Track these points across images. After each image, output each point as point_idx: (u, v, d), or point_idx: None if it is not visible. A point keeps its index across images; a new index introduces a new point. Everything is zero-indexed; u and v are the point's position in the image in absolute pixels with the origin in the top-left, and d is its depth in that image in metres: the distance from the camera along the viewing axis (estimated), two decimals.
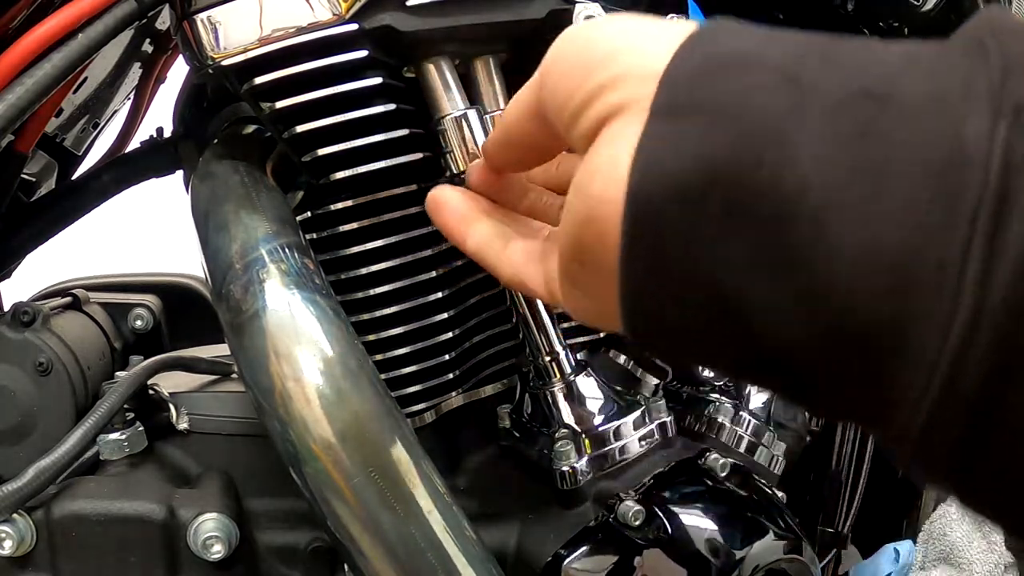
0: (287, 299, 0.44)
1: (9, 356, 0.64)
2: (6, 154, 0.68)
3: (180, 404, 0.64)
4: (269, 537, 0.62)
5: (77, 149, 0.88)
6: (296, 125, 0.54)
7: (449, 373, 0.62)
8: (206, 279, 0.49)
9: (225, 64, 0.52)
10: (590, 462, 0.59)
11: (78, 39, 0.54)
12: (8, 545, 0.56)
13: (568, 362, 0.61)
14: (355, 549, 0.43)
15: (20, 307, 0.66)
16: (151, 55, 0.84)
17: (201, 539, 0.57)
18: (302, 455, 0.42)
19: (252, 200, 0.50)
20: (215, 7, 0.52)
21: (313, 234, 0.58)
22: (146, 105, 0.90)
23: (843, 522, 0.82)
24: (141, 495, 0.58)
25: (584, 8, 0.54)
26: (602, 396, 0.61)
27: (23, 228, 0.75)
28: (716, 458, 0.63)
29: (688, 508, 0.60)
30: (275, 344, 0.43)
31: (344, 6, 0.51)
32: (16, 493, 0.55)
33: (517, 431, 0.64)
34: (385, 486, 0.42)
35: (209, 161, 0.55)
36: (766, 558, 0.61)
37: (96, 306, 0.77)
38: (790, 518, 0.64)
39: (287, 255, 0.46)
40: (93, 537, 0.57)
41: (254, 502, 0.62)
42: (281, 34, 0.51)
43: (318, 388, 0.42)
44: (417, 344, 0.60)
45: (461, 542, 0.44)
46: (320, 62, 0.52)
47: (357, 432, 0.42)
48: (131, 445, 0.63)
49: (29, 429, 0.64)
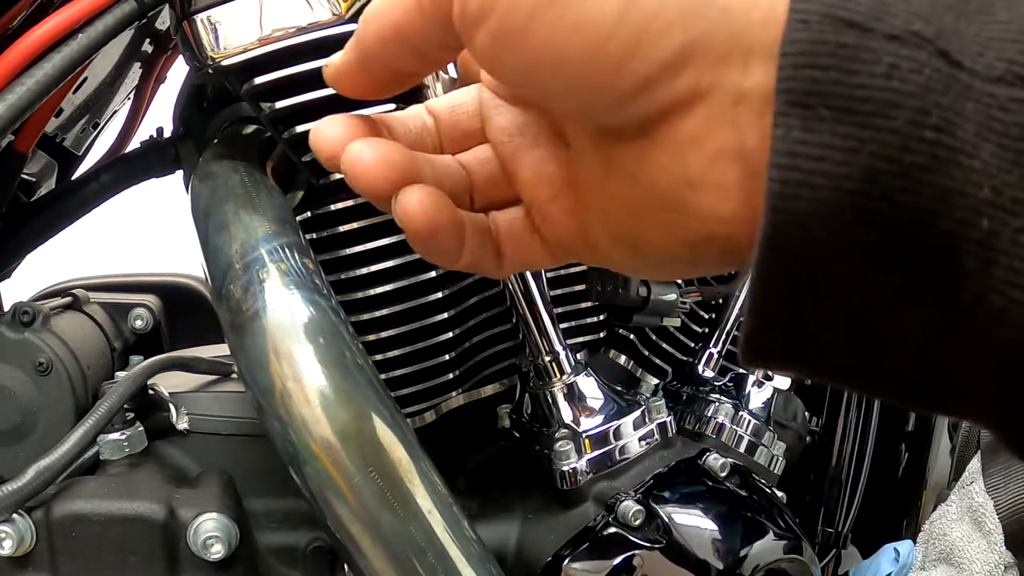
0: (287, 299, 0.44)
1: (9, 356, 0.64)
2: (6, 154, 0.68)
3: (180, 404, 0.64)
4: (269, 537, 0.62)
5: (77, 149, 0.88)
6: (296, 125, 0.54)
7: (449, 373, 0.62)
8: (206, 279, 0.49)
9: (225, 64, 0.52)
10: (590, 462, 0.59)
11: (78, 39, 0.54)
12: (8, 545, 0.56)
13: (568, 362, 0.61)
14: (355, 549, 0.43)
15: (20, 307, 0.66)
16: (151, 55, 0.84)
17: (201, 539, 0.57)
18: (302, 455, 0.42)
19: (252, 200, 0.50)
20: (215, 7, 0.52)
21: (313, 234, 0.58)
22: (146, 105, 0.90)
23: (843, 522, 0.82)
24: (141, 495, 0.58)
25: None
26: (602, 396, 0.61)
27: (23, 228, 0.75)
28: (716, 458, 0.63)
29: (688, 508, 0.60)
30: (275, 344, 0.43)
31: (344, 6, 0.51)
32: (16, 493, 0.55)
33: (517, 431, 0.64)
34: (385, 486, 0.42)
35: (209, 161, 0.55)
36: (766, 558, 0.61)
37: (96, 306, 0.77)
38: (790, 518, 0.64)
39: (287, 255, 0.46)
40: (93, 537, 0.57)
41: (254, 502, 0.62)
42: (281, 34, 0.51)
43: (318, 388, 0.42)
44: (417, 344, 0.60)
45: (461, 542, 0.44)
46: (320, 62, 0.52)
47: (357, 432, 0.42)
48: (131, 445, 0.63)
49: (29, 429, 0.64)
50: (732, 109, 0.25)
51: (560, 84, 0.28)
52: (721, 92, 0.25)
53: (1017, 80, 0.22)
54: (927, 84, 0.22)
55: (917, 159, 0.22)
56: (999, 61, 0.22)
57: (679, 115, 0.26)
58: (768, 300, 0.24)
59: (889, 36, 0.22)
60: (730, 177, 0.25)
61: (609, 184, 0.30)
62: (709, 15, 0.24)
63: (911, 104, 0.22)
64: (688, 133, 0.26)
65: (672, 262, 0.31)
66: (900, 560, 0.80)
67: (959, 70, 0.22)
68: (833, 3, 0.23)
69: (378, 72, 0.32)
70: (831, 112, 0.22)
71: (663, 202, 0.28)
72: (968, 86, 0.22)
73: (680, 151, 0.26)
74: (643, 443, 0.62)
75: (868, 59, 0.22)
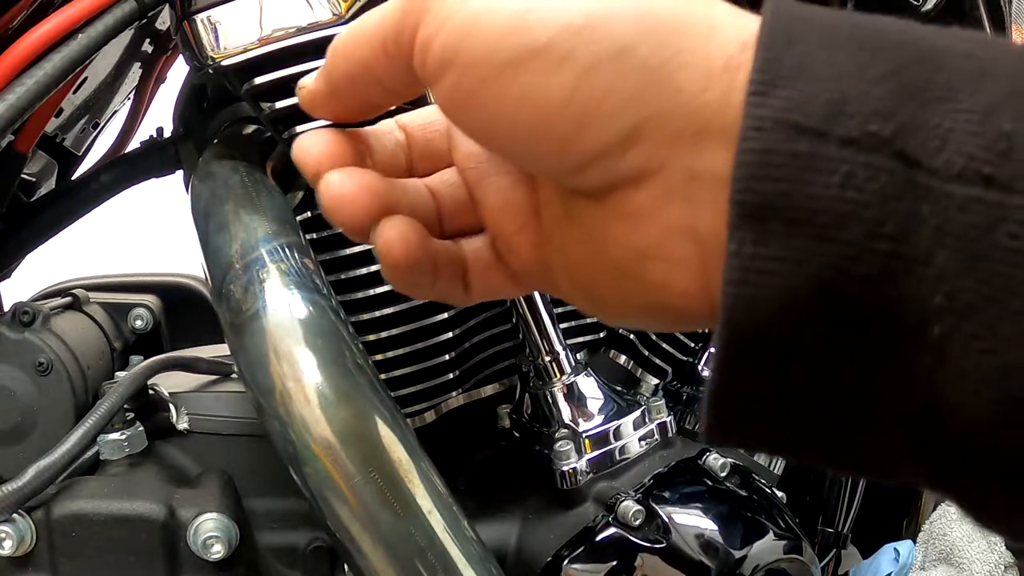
0: (287, 299, 0.44)
1: (9, 356, 0.64)
2: (6, 154, 0.68)
3: (180, 404, 0.64)
4: (269, 537, 0.62)
5: (77, 149, 0.88)
6: (296, 125, 0.54)
7: (449, 373, 0.62)
8: (206, 279, 0.49)
9: (225, 64, 0.52)
10: (590, 462, 0.59)
11: (78, 39, 0.54)
12: (8, 545, 0.56)
13: (568, 362, 0.61)
14: (355, 549, 0.43)
15: (20, 307, 0.66)
16: (151, 55, 0.84)
17: (201, 539, 0.57)
18: (302, 455, 0.42)
19: (252, 200, 0.50)
20: (215, 7, 0.52)
21: (313, 234, 0.58)
22: (146, 105, 0.90)
23: (843, 522, 0.82)
24: (141, 495, 0.58)
25: None
26: (602, 396, 0.61)
27: (23, 228, 0.75)
28: (716, 458, 0.63)
29: (688, 508, 0.60)
30: (275, 344, 0.43)
31: (344, 6, 0.51)
32: (16, 493, 0.55)
33: (517, 431, 0.64)
34: (385, 486, 0.42)
35: (209, 161, 0.55)
36: (766, 558, 0.61)
37: (96, 306, 0.77)
38: (790, 518, 0.64)
39: (287, 255, 0.46)
40: (93, 537, 0.57)
41: (254, 502, 0.62)
42: (281, 34, 0.51)
43: (318, 388, 0.42)
44: (417, 344, 0.60)
45: (461, 542, 0.44)
46: (320, 62, 0.52)
47: (357, 432, 0.42)
48: (131, 445, 0.63)
49: (29, 429, 0.64)
50: (685, 186, 0.25)
51: (514, 148, 0.28)
52: (674, 169, 0.25)
53: (976, 178, 0.21)
54: (883, 191, 0.22)
55: (870, 270, 0.22)
56: (959, 156, 0.22)
57: (632, 188, 0.26)
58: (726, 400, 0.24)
59: (845, 141, 0.22)
60: (683, 252, 0.26)
61: (569, 234, 0.30)
62: (662, 95, 0.25)
63: (866, 215, 0.22)
64: (640, 206, 0.26)
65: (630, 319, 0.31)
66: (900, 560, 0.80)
67: (917, 170, 0.22)
68: (788, 106, 0.22)
69: (349, 102, 0.32)
70: (784, 225, 0.22)
71: (617, 268, 0.28)
72: (926, 187, 0.22)
73: (633, 222, 0.27)
74: (643, 443, 0.62)
75: (822, 168, 0.22)
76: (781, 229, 0.22)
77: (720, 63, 0.24)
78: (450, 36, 0.27)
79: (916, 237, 0.22)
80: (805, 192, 0.22)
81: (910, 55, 0.23)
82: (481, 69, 0.26)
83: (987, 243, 0.21)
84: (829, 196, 0.22)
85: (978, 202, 0.21)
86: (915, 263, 0.22)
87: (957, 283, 0.21)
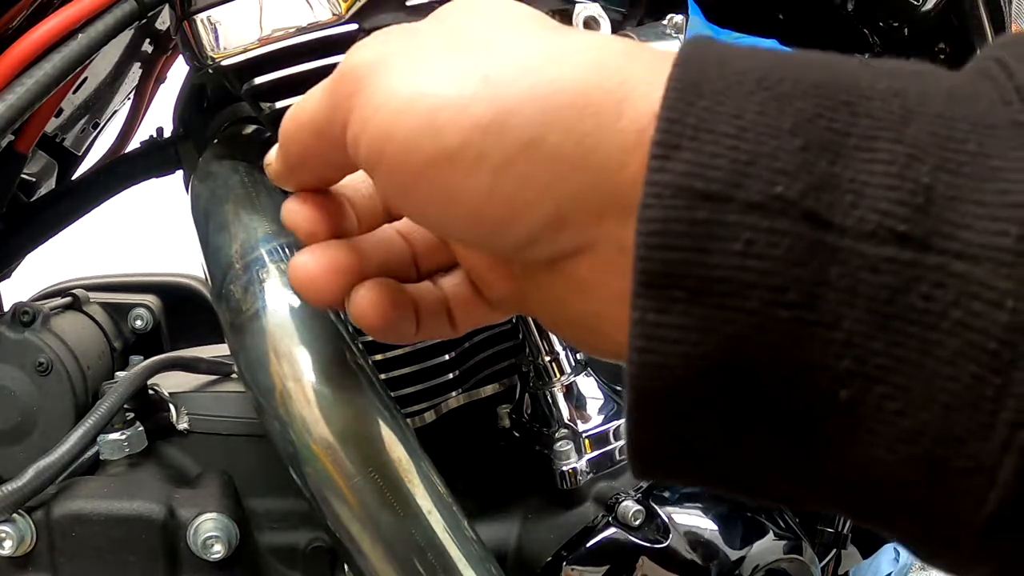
0: (287, 299, 0.44)
1: (9, 356, 0.64)
2: (6, 154, 0.68)
3: (180, 404, 0.64)
4: (269, 537, 0.62)
5: (77, 149, 0.88)
6: None
7: (449, 373, 0.62)
8: (206, 279, 0.49)
9: (225, 64, 0.52)
10: (590, 462, 0.59)
11: (78, 39, 0.54)
12: (8, 545, 0.56)
13: (568, 362, 0.61)
14: (355, 549, 0.43)
15: (20, 307, 0.66)
16: (151, 55, 0.84)
17: (201, 539, 0.57)
18: (302, 455, 0.42)
19: (252, 200, 0.50)
20: (215, 7, 0.52)
21: None
22: (146, 105, 0.90)
23: (843, 522, 0.82)
24: (141, 495, 0.58)
25: (584, 8, 0.54)
26: (602, 396, 0.61)
27: (23, 228, 0.75)
28: None
29: (688, 508, 0.60)
30: (275, 344, 0.43)
31: (344, 6, 0.51)
32: (16, 493, 0.55)
33: (517, 431, 0.64)
34: (385, 486, 0.42)
35: (209, 161, 0.55)
36: (766, 558, 0.61)
37: (96, 306, 0.77)
38: (790, 518, 0.64)
39: (287, 255, 0.46)
40: (93, 537, 0.57)
41: (254, 502, 0.62)
42: (281, 34, 0.51)
43: (318, 388, 0.42)
44: (417, 344, 0.60)
45: (461, 542, 0.44)
46: (320, 62, 0.52)
47: (357, 432, 0.42)
48: (131, 445, 0.63)
49: (29, 429, 0.64)
50: (618, 259, 0.25)
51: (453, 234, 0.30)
52: (606, 245, 0.26)
53: (890, 236, 0.21)
54: (786, 257, 0.21)
55: (773, 338, 0.21)
56: (873, 213, 0.21)
57: (572, 262, 0.27)
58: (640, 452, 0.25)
59: (748, 205, 0.21)
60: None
61: (532, 283, 0.31)
62: (578, 179, 0.25)
63: (768, 282, 0.21)
64: (584, 277, 0.27)
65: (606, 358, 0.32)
66: (900, 560, 0.80)
67: (827, 231, 0.21)
68: (689, 171, 0.22)
69: (306, 178, 0.34)
70: (686, 293, 0.22)
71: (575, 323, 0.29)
72: (836, 248, 0.21)
73: (581, 290, 0.28)
74: None
75: (723, 235, 0.21)
76: (683, 297, 0.22)
77: (632, 138, 0.24)
78: (373, 138, 0.27)
79: (822, 302, 0.21)
80: (705, 261, 0.22)
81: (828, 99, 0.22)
82: (404, 171, 0.27)
83: (900, 304, 0.21)
84: (730, 265, 0.21)
85: (891, 262, 0.21)
86: (819, 328, 0.21)
87: (867, 346, 0.21)
